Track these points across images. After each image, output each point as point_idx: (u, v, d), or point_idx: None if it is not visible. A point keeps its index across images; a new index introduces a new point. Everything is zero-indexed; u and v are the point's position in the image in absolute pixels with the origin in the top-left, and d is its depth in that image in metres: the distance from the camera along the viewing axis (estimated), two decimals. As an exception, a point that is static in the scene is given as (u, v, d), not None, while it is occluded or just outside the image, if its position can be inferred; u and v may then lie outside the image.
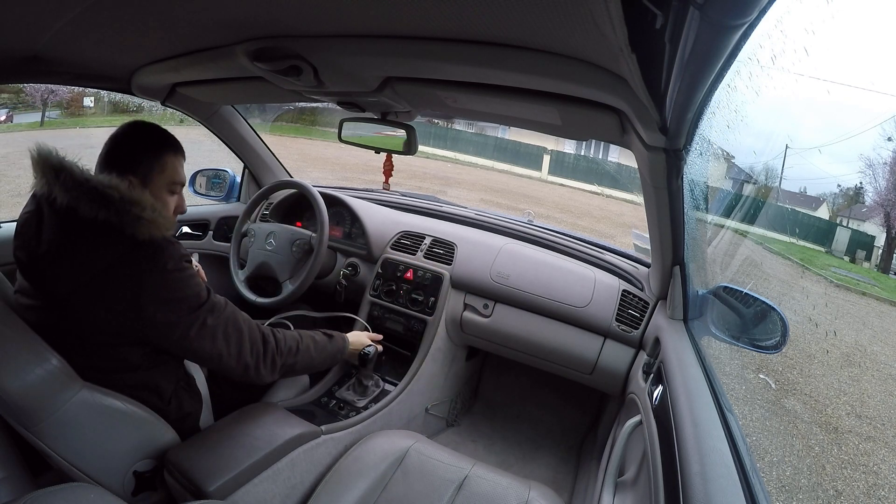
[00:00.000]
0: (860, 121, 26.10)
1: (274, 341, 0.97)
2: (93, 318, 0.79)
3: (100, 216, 0.78)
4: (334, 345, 1.15)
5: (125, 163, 0.86)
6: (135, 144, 0.89)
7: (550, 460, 1.62)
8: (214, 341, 0.86)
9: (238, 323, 0.91)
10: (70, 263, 0.79)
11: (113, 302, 0.78)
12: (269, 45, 0.74)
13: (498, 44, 0.61)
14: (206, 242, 1.79)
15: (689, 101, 0.52)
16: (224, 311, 0.89)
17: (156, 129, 0.91)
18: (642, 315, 1.33)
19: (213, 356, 0.87)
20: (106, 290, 0.78)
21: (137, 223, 0.79)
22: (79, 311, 0.79)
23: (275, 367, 0.97)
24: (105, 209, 0.78)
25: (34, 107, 10.51)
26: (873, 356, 5.00)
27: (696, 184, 0.87)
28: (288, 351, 1.00)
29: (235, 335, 0.90)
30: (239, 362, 0.90)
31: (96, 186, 0.79)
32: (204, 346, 0.85)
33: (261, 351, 0.94)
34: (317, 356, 1.08)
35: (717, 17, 0.34)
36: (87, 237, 0.80)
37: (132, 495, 0.84)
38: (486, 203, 8.68)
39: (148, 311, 0.79)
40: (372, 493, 0.98)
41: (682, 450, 0.66)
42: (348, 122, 1.20)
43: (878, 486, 2.74)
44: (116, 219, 0.78)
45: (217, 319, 0.87)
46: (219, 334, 0.87)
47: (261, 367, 0.94)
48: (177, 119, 1.85)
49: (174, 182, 0.92)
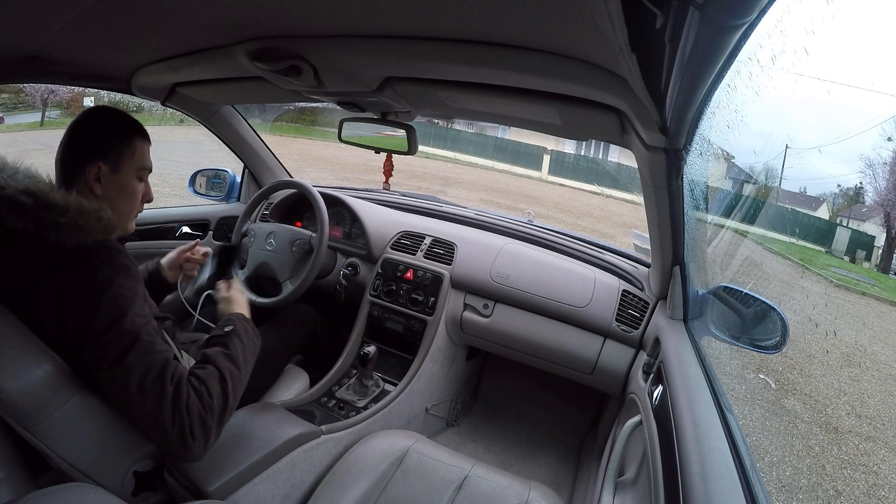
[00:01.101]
0: (860, 121, 26.11)
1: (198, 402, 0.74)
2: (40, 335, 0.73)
3: (19, 226, 0.71)
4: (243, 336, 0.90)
5: (94, 148, 0.81)
6: (103, 128, 0.83)
7: (550, 460, 1.62)
8: (126, 386, 0.70)
9: (163, 376, 0.72)
10: (8, 278, 0.74)
11: (43, 321, 0.72)
12: (269, 45, 0.74)
13: (498, 44, 0.61)
14: (206, 242, 1.79)
15: (689, 101, 0.52)
16: (151, 353, 0.72)
17: (122, 114, 0.86)
18: (642, 315, 1.33)
19: (124, 404, 0.72)
20: (36, 307, 0.72)
21: (56, 229, 0.71)
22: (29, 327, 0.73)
23: (207, 433, 0.74)
24: (21, 217, 0.71)
25: (34, 107, 10.51)
26: (873, 356, 5.00)
27: (696, 184, 0.87)
28: (217, 399, 0.77)
29: (155, 390, 0.71)
30: (156, 427, 0.71)
31: (9, 195, 0.72)
32: (113, 387, 0.71)
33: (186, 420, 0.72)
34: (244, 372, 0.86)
35: (717, 17, 0.34)
36: (14, 250, 0.74)
37: (132, 495, 0.84)
38: (486, 203, 8.68)
39: (68, 327, 0.70)
40: (372, 493, 0.98)
41: (682, 450, 0.66)
42: (348, 122, 1.20)
43: (878, 486, 2.74)
44: (33, 226, 0.71)
45: (137, 359, 0.70)
46: (132, 380, 0.70)
47: (188, 439, 0.72)
48: (177, 119, 1.85)
49: (143, 168, 0.87)
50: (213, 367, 0.80)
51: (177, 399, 0.72)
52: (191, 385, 0.75)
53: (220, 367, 0.81)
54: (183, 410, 0.72)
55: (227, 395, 0.79)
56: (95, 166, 0.80)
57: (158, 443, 0.76)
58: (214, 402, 0.76)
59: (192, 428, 0.72)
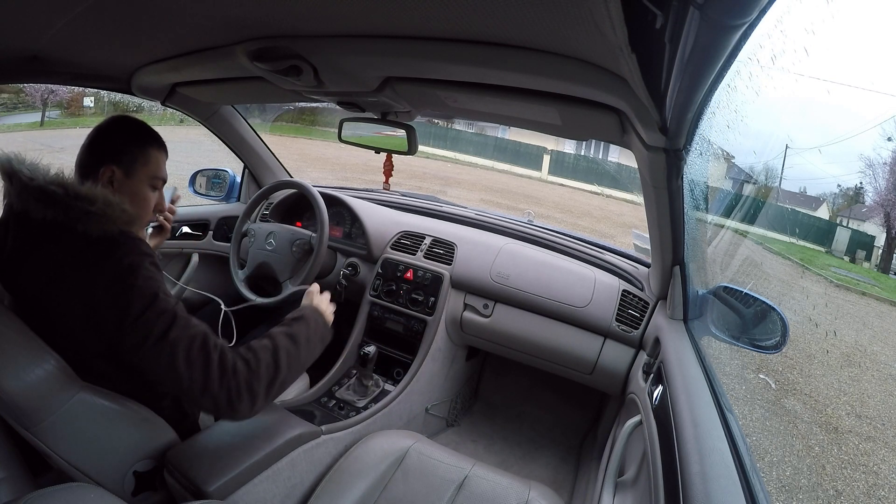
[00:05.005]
0: (860, 121, 26.12)
1: (245, 369, 0.79)
2: (59, 325, 0.76)
3: (48, 216, 0.75)
4: (311, 324, 0.96)
5: (109, 152, 0.84)
6: (120, 135, 0.87)
7: (550, 460, 1.62)
8: (173, 360, 0.73)
9: (206, 345, 0.77)
10: (31, 268, 0.77)
11: (71, 307, 0.74)
12: (269, 45, 0.74)
13: (498, 44, 0.61)
14: (206, 242, 1.79)
15: (689, 101, 0.52)
16: (190, 327, 0.77)
17: (142, 123, 0.90)
18: (642, 315, 1.33)
19: (172, 378, 0.74)
20: (63, 294, 0.74)
21: (86, 218, 0.74)
22: (46, 318, 0.76)
23: (254, 396, 0.79)
24: (51, 208, 0.75)
25: (34, 107, 10.52)
26: (873, 356, 5.00)
27: (696, 184, 0.87)
28: (266, 369, 0.82)
29: (201, 359, 0.75)
30: (205, 393, 0.75)
31: (39, 185, 0.76)
32: (160, 364, 0.74)
33: (233, 382, 0.77)
34: (304, 352, 0.92)
35: (717, 17, 0.34)
36: (41, 240, 0.77)
37: (132, 495, 0.84)
38: (486, 203, 8.68)
39: (100, 313, 0.73)
40: (372, 493, 0.98)
41: (682, 450, 0.66)
42: (348, 122, 1.20)
43: (878, 486, 2.74)
44: (63, 216, 0.75)
45: (180, 334, 0.75)
46: (179, 353, 0.74)
47: (234, 401, 0.77)
48: (177, 119, 1.86)
49: (156, 177, 0.89)
50: (270, 340, 0.87)
51: (223, 364, 0.77)
52: (239, 354, 0.81)
53: (277, 341, 0.87)
54: (229, 374, 0.77)
55: (279, 367, 0.84)
56: (109, 169, 0.83)
57: (207, 407, 0.80)
58: (262, 370, 0.81)
59: (238, 390, 0.77)
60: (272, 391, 0.83)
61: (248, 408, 0.79)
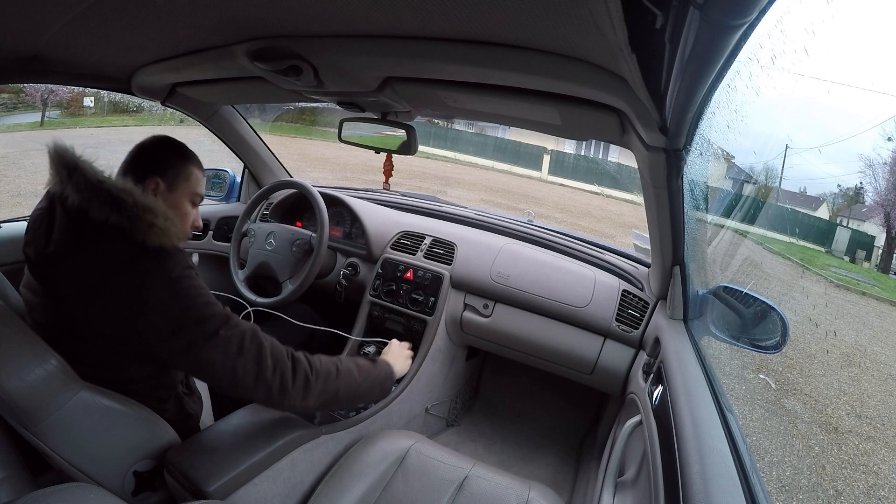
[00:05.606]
0: (860, 121, 26.11)
1: (306, 361, 0.87)
2: (95, 322, 0.77)
3: (111, 220, 0.77)
4: (380, 369, 1.06)
5: (155, 166, 0.88)
6: (165, 151, 0.92)
7: (550, 460, 1.62)
8: (227, 353, 0.78)
9: (258, 337, 0.82)
10: (77, 265, 0.78)
11: (117, 307, 0.76)
12: (269, 45, 0.74)
13: (498, 44, 0.60)
14: (206, 242, 1.79)
15: (689, 101, 0.52)
16: (240, 324, 0.82)
17: (183, 144, 0.95)
18: (642, 315, 1.33)
19: (225, 371, 0.79)
20: (111, 294, 0.76)
21: (149, 230, 0.77)
22: (81, 313, 0.78)
23: (308, 389, 0.85)
24: (117, 213, 0.77)
25: (34, 107, 10.51)
26: (873, 356, 5.00)
27: (696, 184, 0.87)
28: (326, 374, 0.89)
29: (254, 349, 0.81)
30: (259, 381, 0.80)
31: (110, 189, 0.78)
32: (214, 359, 0.78)
33: (287, 369, 0.83)
34: (363, 382, 0.98)
35: (717, 17, 0.34)
36: (95, 240, 0.78)
37: (132, 495, 0.84)
38: (486, 203, 8.68)
39: (154, 317, 0.75)
40: (372, 493, 0.98)
41: (682, 450, 0.66)
42: (348, 122, 1.20)
43: (878, 486, 2.74)
44: (128, 224, 0.77)
45: (231, 331, 0.80)
46: (232, 346, 0.79)
47: (289, 388, 0.83)
48: (177, 119, 1.85)
49: (196, 193, 0.94)
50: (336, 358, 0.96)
51: (276, 354, 0.83)
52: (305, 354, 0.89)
53: (342, 361, 0.96)
54: (284, 362, 0.83)
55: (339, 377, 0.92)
56: (154, 181, 0.87)
57: (259, 396, 0.83)
58: (322, 371, 0.89)
59: (294, 378, 0.84)
60: (325, 393, 0.89)
61: (299, 397, 0.85)
